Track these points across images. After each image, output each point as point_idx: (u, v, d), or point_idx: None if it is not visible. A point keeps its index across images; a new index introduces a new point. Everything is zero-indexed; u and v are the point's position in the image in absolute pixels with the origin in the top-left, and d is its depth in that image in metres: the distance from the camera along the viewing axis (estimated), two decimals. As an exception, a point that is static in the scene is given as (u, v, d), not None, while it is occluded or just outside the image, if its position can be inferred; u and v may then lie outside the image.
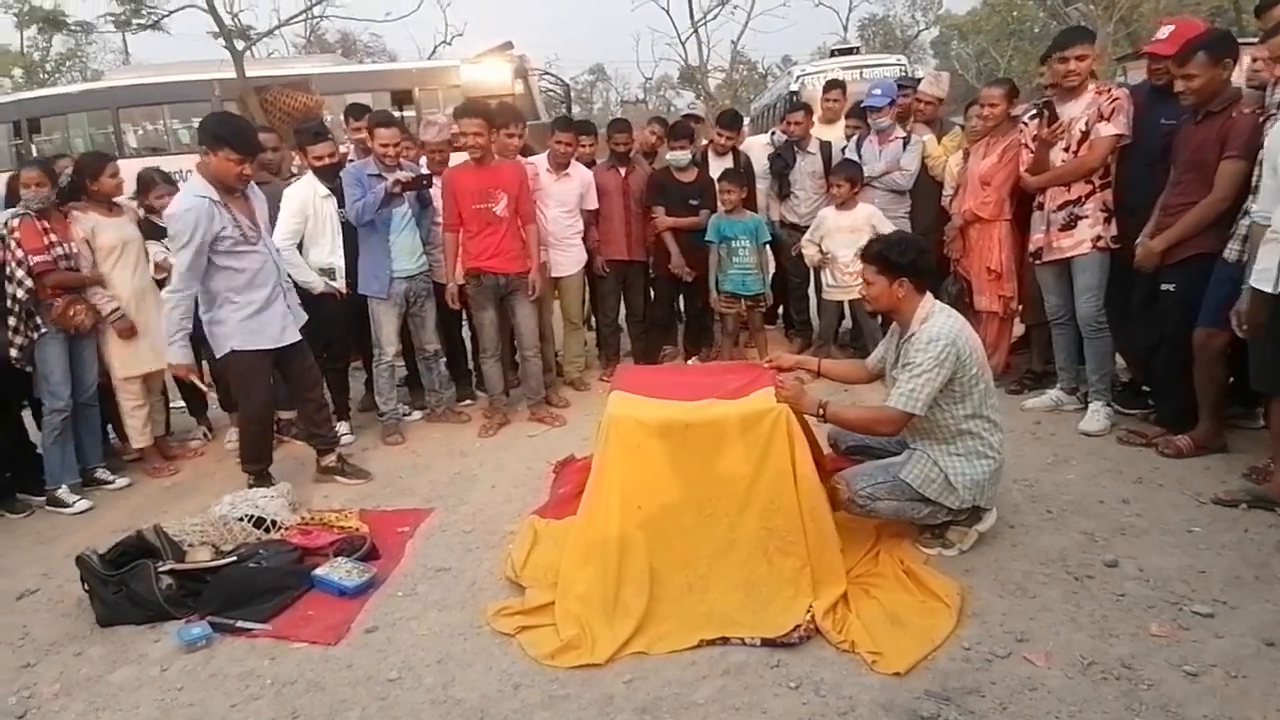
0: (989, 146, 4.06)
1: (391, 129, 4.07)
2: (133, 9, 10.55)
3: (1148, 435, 3.40)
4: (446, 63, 11.81)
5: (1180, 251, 3.17)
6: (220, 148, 3.17)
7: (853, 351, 4.91)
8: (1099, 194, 3.53)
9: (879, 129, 4.69)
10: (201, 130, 3.32)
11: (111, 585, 2.64)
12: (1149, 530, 2.74)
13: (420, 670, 2.30)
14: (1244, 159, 2.92)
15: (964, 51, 29.85)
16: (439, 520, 3.27)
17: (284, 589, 2.68)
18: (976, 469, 2.57)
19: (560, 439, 4.09)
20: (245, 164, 3.25)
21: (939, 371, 2.46)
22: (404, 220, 4.15)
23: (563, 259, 4.65)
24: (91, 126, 11.08)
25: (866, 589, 2.48)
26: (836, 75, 8.31)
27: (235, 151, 3.19)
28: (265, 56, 15.89)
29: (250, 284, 3.34)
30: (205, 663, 2.40)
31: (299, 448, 4.22)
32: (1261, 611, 2.25)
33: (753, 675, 2.16)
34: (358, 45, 27.48)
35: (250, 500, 3.21)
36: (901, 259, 2.56)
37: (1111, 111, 3.42)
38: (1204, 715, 1.89)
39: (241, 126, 3.39)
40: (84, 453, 3.87)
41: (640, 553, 2.47)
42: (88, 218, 3.83)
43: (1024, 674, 2.07)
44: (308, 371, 3.68)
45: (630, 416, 2.63)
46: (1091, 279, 3.58)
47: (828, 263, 4.65)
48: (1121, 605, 2.33)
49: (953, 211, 4.32)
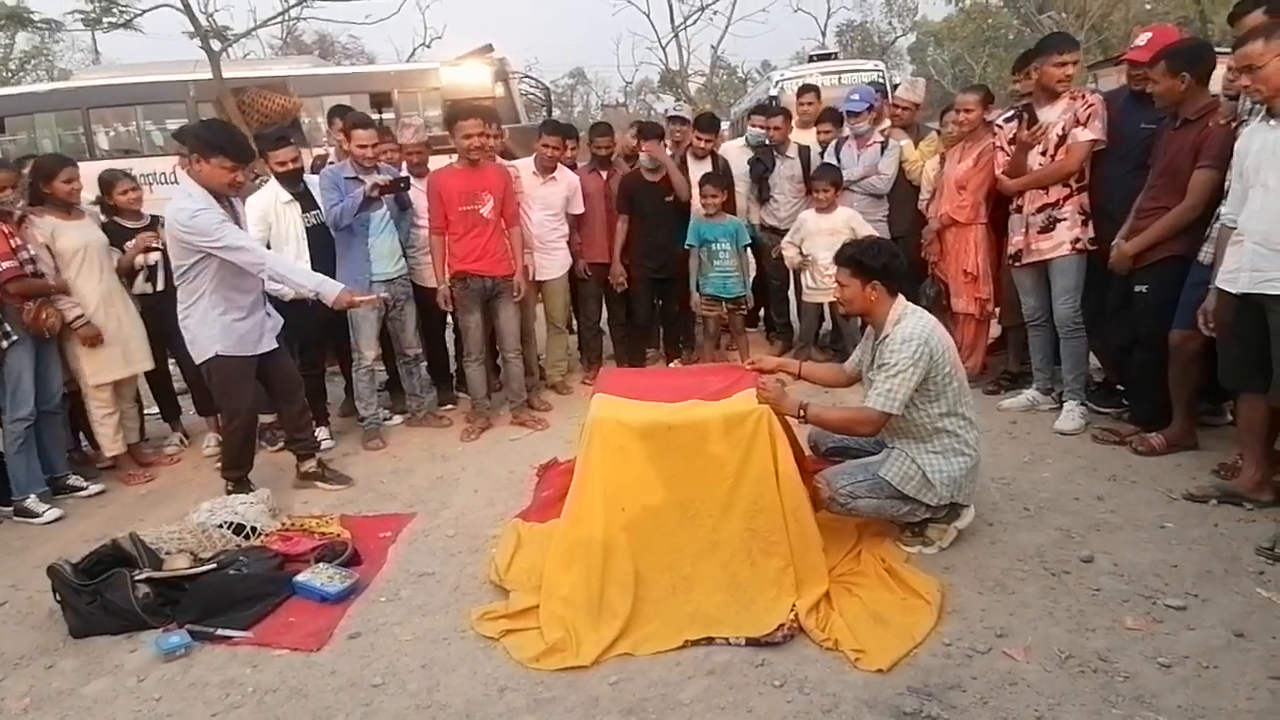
0: (964, 151, 4.13)
1: (369, 131, 4.04)
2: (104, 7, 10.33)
3: (1121, 433, 3.47)
4: (426, 65, 11.74)
5: (1153, 254, 3.24)
6: (213, 155, 3.14)
7: (833, 354, 4.96)
8: (1076, 197, 3.61)
9: (858, 134, 4.75)
10: (193, 138, 3.29)
11: (86, 595, 2.59)
12: (1123, 526, 2.79)
13: (404, 676, 2.28)
14: (1216, 169, 2.99)
15: (940, 58, 30.26)
16: (421, 525, 3.25)
17: (265, 596, 2.65)
18: (953, 466, 2.62)
19: (542, 442, 4.08)
20: (238, 171, 3.23)
21: (914, 371, 2.51)
22: (383, 223, 4.13)
23: (547, 262, 4.65)
24: (60, 127, 10.84)
25: (849, 587, 2.51)
26: (813, 80, 8.39)
27: (229, 159, 3.17)
28: (241, 58, 15.71)
29: (236, 289, 3.31)
30: (184, 672, 2.36)
31: (278, 454, 4.19)
32: (1231, 603, 2.31)
33: (738, 675, 2.17)
34: (335, 47, 27.23)
35: (229, 507, 3.17)
36: (874, 263, 2.62)
37: (1088, 117, 3.50)
38: (1178, 705, 1.93)
39: (235, 134, 3.39)
40: (50, 461, 3.79)
41: (624, 554, 2.48)
42: (45, 222, 3.74)
43: (1004, 668, 2.11)
44: (289, 376, 3.64)
45: (613, 418, 2.64)
46: (1069, 281, 3.65)
47: (808, 265, 4.70)
48: (1097, 600, 2.38)
49: (929, 215, 4.39)
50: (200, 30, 9.01)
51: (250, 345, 3.40)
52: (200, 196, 3.16)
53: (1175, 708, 1.93)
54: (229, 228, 3.17)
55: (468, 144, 3.96)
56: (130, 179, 4.14)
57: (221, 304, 3.28)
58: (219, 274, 3.24)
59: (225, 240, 3.14)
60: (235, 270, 3.25)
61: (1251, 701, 1.93)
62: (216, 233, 3.12)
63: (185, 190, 3.22)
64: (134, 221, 4.12)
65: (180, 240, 3.17)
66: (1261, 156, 2.60)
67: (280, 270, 3.29)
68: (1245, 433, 2.90)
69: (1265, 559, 2.50)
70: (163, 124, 10.83)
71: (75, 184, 3.82)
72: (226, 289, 3.28)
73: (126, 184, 4.05)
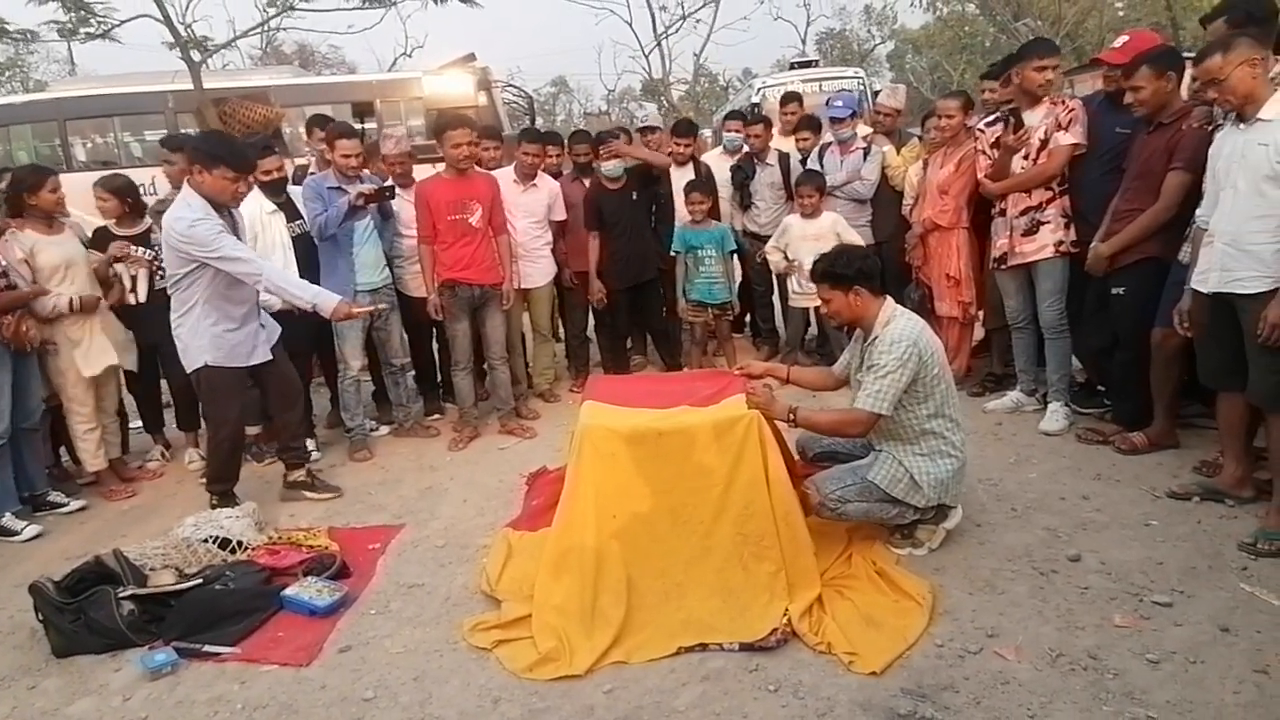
0: (946, 156, 4.18)
1: (352, 140, 4.03)
2: (80, 18, 10.21)
3: (1105, 433, 3.52)
4: (409, 74, 11.70)
5: (1129, 256, 3.29)
6: (215, 166, 3.15)
7: (819, 358, 4.99)
8: (1059, 200, 3.66)
9: (841, 139, 4.80)
10: (194, 149, 3.29)
11: (69, 614, 2.54)
12: (1109, 525, 2.83)
13: (396, 689, 2.26)
14: (1188, 171, 3.05)
15: (918, 64, 30.66)
16: (410, 536, 3.23)
17: (252, 610, 2.62)
18: (940, 468, 2.64)
19: (531, 451, 4.07)
20: (240, 181, 3.24)
21: (903, 372, 2.53)
22: (367, 233, 4.11)
23: (532, 270, 4.64)
24: (36, 139, 10.70)
25: (841, 591, 2.52)
26: (794, 88, 8.47)
27: (231, 169, 3.17)
28: (220, 68, 15.59)
29: (229, 300, 3.30)
30: (171, 690, 2.32)
31: (267, 467, 4.15)
32: (1216, 599, 2.34)
33: (732, 680, 2.17)
34: (316, 57, 27.09)
35: (214, 521, 3.13)
36: (848, 269, 2.64)
37: (1069, 121, 3.56)
38: (1167, 701, 1.96)
39: (234, 144, 3.40)
40: (29, 478, 3.72)
41: (617, 562, 2.47)
42: (25, 236, 3.68)
43: (995, 668, 2.12)
44: (290, 384, 3.63)
45: (603, 425, 2.63)
46: (1054, 283, 3.70)
47: (793, 270, 4.73)
48: (1086, 598, 2.40)
49: (912, 220, 4.43)
50: (180, 41, 8.94)
51: (242, 356, 3.37)
52: (199, 206, 3.15)
53: (1164, 703, 1.95)
54: (226, 239, 3.15)
55: (456, 154, 3.95)
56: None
57: (213, 314, 3.27)
58: (212, 284, 3.23)
59: (222, 251, 3.12)
60: (229, 281, 3.23)
61: (1238, 695, 1.96)
62: (214, 243, 3.11)
63: (185, 199, 3.21)
64: (127, 229, 4.06)
65: (176, 249, 3.17)
66: (1232, 160, 2.66)
67: (278, 282, 3.27)
68: (1225, 431, 2.94)
69: (1248, 554, 2.54)
70: (141, 135, 10.72)
71: (59, 194, 3.77)
72: (219, 299, 3.27)
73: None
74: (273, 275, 3.28)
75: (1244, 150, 2.61)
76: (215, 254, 3.12)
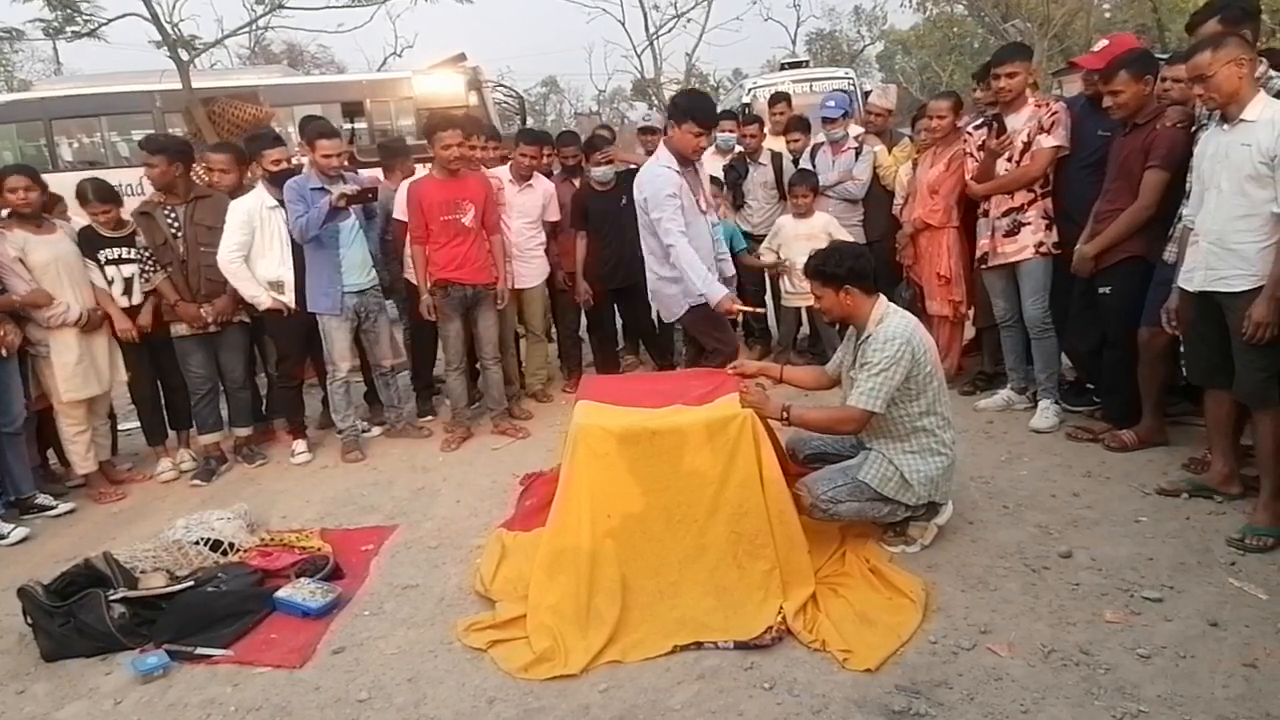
0: (936, 156, 4.20)
1: (333, 140, 3.98)
2: (66, 16, 10.12)
3: (1095, 431, 3.55)
4: (399, 74, 11.64)
5: (1113, 255, 3.32)
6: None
7: (811, 358, 4.99)
8: (1040, 202, 3.69)
9: (833, 140, 4.82)
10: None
11: (58, 617, 2.52)
12: (1099, 521, 2.85)
13: (390, 690, 2.25)
14: (1165, 169, 3.09)
15: (907, 65, 30.77)
16: (403, 537, 3.21)
17: (245, 613, 2.60)
18: (930, 465, 2.65)
19: (524, 451, 4.06)
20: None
21: (896, 369, 2.54)
22: (352, 233, 4.06)
23: (525, 270, 4.63)
24: (21, 139, 10.59)
25: (835, 589, 2.53)
26: (784, 88, 8.48)
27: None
28: (209, 67, 15.46)
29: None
30: (163, 693, 2.31)
31: (258, 469, 4.13)
32: (1205, 594, 2.37)
33: (727, 678, 2.18)
34: (305, 56, 26.92)
35: (205, 523, 3.11)
36: (839, 269, 2.66)
37: (1052, 124, 3.58)
38: (1158, 695, 1.98)
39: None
40: (15, 481, 3.68)
41: (611, 561, 2.47)
42: (15, 235, 3.65)
43: (989, 664, 2.14)
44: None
45: (597, 425, 2.63)
46: (1036, 283, 3.73)
47: (786, 270, 4.74)
48: (1077, 594, 2.42)
49: (903, 219, 4.45)
50: (168, 39, 8.87)
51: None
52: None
53: (1155, 697, 1.97)
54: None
55: (446, 154, 3.94)
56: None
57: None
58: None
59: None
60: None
61: (1227, 689, 1.98)
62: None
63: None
64: (113, 231, 4.02)
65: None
66: (1216, 160, 2.69)
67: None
68: (1213, 428, 2.97)
69: (1236, 550, 2.57)
70: (128, 135, 10.62)
71: (26, 196, 3.65)
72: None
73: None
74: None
75: (1228, 150, 2.64)
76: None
